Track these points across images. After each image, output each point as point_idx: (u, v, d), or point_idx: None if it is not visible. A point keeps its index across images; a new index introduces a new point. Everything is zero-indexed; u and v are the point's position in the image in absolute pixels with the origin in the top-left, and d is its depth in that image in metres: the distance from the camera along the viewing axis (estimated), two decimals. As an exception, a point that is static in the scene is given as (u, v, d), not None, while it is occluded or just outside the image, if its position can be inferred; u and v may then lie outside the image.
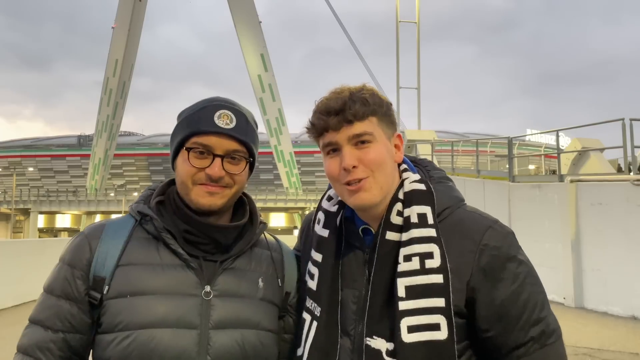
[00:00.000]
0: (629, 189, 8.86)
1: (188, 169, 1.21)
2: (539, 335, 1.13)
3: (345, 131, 1.18)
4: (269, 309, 1.28)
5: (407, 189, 1.22)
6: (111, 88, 63.11)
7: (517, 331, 1.13)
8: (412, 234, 1.16)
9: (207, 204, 1.21)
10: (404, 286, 1.13)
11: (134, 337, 1.14)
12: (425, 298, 1.11)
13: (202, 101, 1.28)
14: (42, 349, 1.18)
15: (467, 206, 1.25)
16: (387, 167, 1.20)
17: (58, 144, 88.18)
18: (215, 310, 1.19)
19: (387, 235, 1.19)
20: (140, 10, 63.54)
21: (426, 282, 1.12)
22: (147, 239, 1.24)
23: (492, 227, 1.17)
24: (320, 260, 1.26)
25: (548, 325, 1.15)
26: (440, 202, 1.21)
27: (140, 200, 1.31)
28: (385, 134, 1.22)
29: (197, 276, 1.21)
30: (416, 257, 1.14)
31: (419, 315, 1.11)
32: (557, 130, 13.48)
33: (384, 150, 1.20)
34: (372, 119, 1.19)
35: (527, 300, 1.14)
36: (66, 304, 1.20)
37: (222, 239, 1.24)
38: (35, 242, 15.05)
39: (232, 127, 1.21)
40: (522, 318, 1.13)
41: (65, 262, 1.24)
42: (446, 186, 1.26)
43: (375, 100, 1.20)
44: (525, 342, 1.13)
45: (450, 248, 1.15)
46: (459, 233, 1.17)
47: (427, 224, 1.17)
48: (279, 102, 62.92)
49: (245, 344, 1.20)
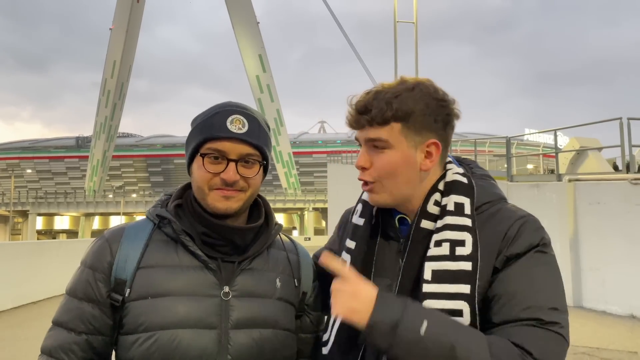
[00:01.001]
0: (627, 188, 8.88)
1: (203, 175, 1.23)
2: (530, 318, 1.05)
3: (364, 132, 1.19)
4: (286, 308, 1.30)
5: (449, 179, 1.21)
6: (109, 89, 63.11)
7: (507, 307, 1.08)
8: (445, 221, 1.16)
9: (224, 208, 1.23)
10: (430, 270, 1.12)
11: (156, 337, 1.16)
12: (451, 284, 1.10)
13: (214, 106, 1.29)
14: (66, 351, 1.21)
15: (508, 203, 1.23)
16: (399, 176, 1.18)
17: (56, 146, 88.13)
18: (234, 310, 1.22)
19: (421, 224, 1.19)
20: (138, 11, 63.53)
21: (454, 269, 1.11)
22: (165, 241, 1.26)
23: (525, 217, 1.16)
24: (352, 248, 1.26)
25: (548, 315, 1.06)
26: (480, 196, 1.20)
27: (158, 205, 1.34)
28: (410, 141, 1.17)
29: (216, 277, 1.23)
30: (447, 242, 1.14)
31: (442, 299, 1.10)
32: (555, 130, 13.50)
33: (398, 159, 1.17)
34: (395, 125, 1.15)
35: (532, 282, 1.09)
36: (88, 307, 1.23)
37: (240, 240, 1.26)
38: (33, 244, 15.04)
39: (245, 132, 1.23)
40: (518, 295, 1.08)
41: (87, 265, 1.27)
42: (488, 183, 1.26)
43: (405, 105, 1.15)
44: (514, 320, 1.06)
45: (482, 236, 1.14)
46: (492, 223, 1.16)
47: (463, 213, 1.16)
48: (277, 103, 62.96)
49: (264, 343, 1.23)
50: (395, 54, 18.44)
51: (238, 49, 62.66)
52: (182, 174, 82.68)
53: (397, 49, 18.38)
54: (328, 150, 56.38)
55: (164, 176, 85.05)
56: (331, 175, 30.16)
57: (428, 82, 1.20)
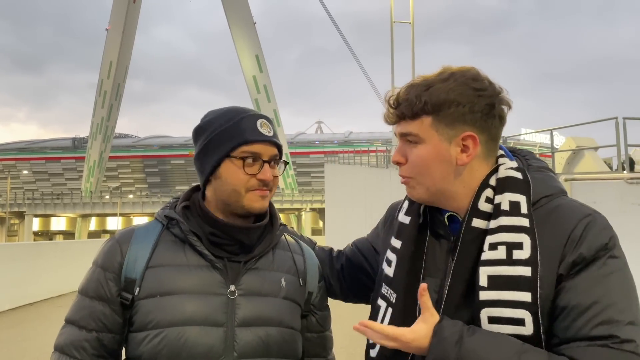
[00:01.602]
0: (623, 188, 8.92)
1: (242, 177, 1.27)
2: (605, 336, 0.97)
3: (397, 127, 1.18)
4: (291, 307, 1.33)
5: (502, 175, 1.13)
6: (105, 90, 62.95)
7: (579, 323, 0.99)
8: (500, 222, 1.08)
9: (259, 207, 1.29)
10: (486, 275, 1.06)
11: (164, 334, 1.20)
12: (510, 290, 1.03)
13: (229, 112, 1.32)
14: (77, 348, 1.25)
15: (568, 197, 1.16)
16: (433, 171, 1.14)
17: (53, 147, 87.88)
18: (240, 308, 1.25)
19: (473, 222, 1.12)
20: (135, 11, 63.40)
21: (512, 274, 1.04)
22: (174, 242, 1.30)
23: (592, 215, 1.09)
24: (399, 247, 1.22)
25: (623, 331, 0.97)
26: (537, 190, 1.12)
27: (167, 207, 1.38)
28: (443, 135, 1.12)
29: (222, 276, 1.27)
30: (503, 246, 1.06)
31: (502, 307, 1.03)
32: (551, 130, 13.53)
33: (431, 153, 1.13)
34: (425, 119, 1.12)
35: (604, 294, 1.00)
36: (99, 305, 1.27)
37: (246, 239, 1.30)
38: (30, 246, 15.00)
39: (273, 134, 1.30)
40: (590, 310, 0.99)
41: (98, 265, 1.31)
42: (546, 175, 1.18)
43: (436, 97, 1.10)
44: (585, 338, 0.98)
45: (542, 238, 1.06)
46: (552, 221, 1.08)
47: (519, 213, 1.08)
48: (274, 103, 62.90)
49: (269, 341, 1.26)
50: (392, 54, 18.46)
51: (235, 49, 62.64)
52: (179, 175, 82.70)
53: (393, 49, 18.41)
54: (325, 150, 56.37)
55: (161, 177, 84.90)
56: (328, 176, 30.15)
57: (471, 71, 1.14)
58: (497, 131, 1.16)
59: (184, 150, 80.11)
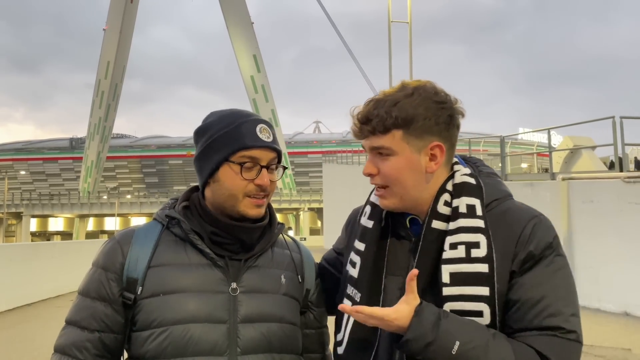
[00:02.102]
0: (620, 187, 8.94)
1: (240, 182, 1.28)
2: (553, 327, 1.10)
3: (367, 141, 1.24)
4: (291, 303, 1.36)
5: (458, 181, 1.24)
6: (103, 90, 62.84)
7: (531, 315, 1.12)
8: (459, 223, 1.19)
9: (255, 215, 1.31)
10: (448, 272, 1.16)
11: (169, 332, 1.22)
12: (470, 286, 1.14)
13: (230, 116, 1.33)
14: (79, 348, 1.26)
15: (515, 200, 1.27)
16: (405, 180, 1.22)
17: (50, 147, 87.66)
18: (242, 305, 1.28)
19: (433, 224, 1.22)
20: (132, 11, 63.29)
21: (471, 271, 1.15)
22: (174, 241, 1.32)
23: (538, 217, 1.20)
24: (362, 249, 1.30)
25: (567, 322, 1.11)
26: (489, 194, 1.24)
27: (166, 207, 1.39)
28: (413, 146, 1.20)
29: (224, 274, 1.29)
30: (462, 245, 1.17)
31: (463, 301, 1.14)
32: (548, 129, 13.57)
33: (402, 164, 1.21)
34: (396, 132, 1.19)
35: (551, 290, 1.13)
36: (101, 305, 1.28)
37: (247, 238, 1.32)
38: (28, 246, 14.98)
39: (272, 140, 1.32)
40: (540, 304, 1.12)
41: (99, 266, 1.32)
42: (495, 180, 1.30)
43: (404, 112, 1.18)
44: (536, 328, 1.11)
45: (496, 237, 1.17)
46: (504, 223, 1.19)
47: (475, 215, 1.19)
48: (272, 103, 62.89)
49: (271, 337, 1.29)
50: (389, 53, 18.48)
51: (232, 49, 62.59)
52: (177, 175, 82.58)
53: (391, 48, 18.42)
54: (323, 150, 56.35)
55: (159, 177, 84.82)
56: (326, 175, 30.21)
57: (428, 85, 1.23)
58: (456, 139, 1.27)
59: (181, 150, 80.00)
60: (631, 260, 8.54)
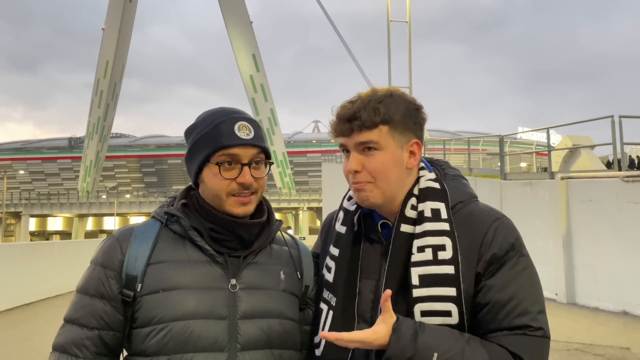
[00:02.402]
0: (619, 186, 8.95)
1: (220, 182, 1.28)
2: (522, 325, 1.16)
3: (353, 137, 1.26)
4: (290, 299, 1.37)
5: (422, 186, 1.29)
6: (102, 90, 62.82)
7: (501, 316, 1.17)
8: (425, 227, 1.24)
9: (242, 213, 1.31)
10: (417, 275, 1.21)
11: (170, 328, 1.23)
12: (438, 287, 1.19)
13: (212, 115, 1.34)
14: (79, 346, 1.26)
15: (479, 202, 1.32)
16: (390, 175, 1.26)
17: (49, 147, 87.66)
18: (242, 301, 1.28)
19: (401, 228, 1.26)
20: (131, 11, 63.26)
21: (438, 272, 1.20)
22: (173, 238, 1.33)
23: (500, 219, 1.25)
24: (337, 254, 1.34)
25: (535, 320, 1.18)
26: (453, 196, 1.28)
27: (164, 205, 1.40)
28: (397, 142, 1.26)
29: (223, 270, 1.30)
30: (429, 248, 1.22)
31: (432, 302, 1.19)
32: (547, 128, 13.57)
33: (388, 159, 1.25)
34: (383, 127, 1.24)
35: (518, 290, 1.19)
36: (100, 303, 1.28)
37: (246, 234, 1.32)
38: (27, 246, 14.97)
39: (253, 137, 1.30)
40: (509, 304, 1.17)
41: (98, 263, 1.32)
42: (460, 183, 1.34)
43: (389, 110, 1.24)
44: (506, 328, 1.17)
45: (461, 239, 1.22)
46: (468, 225, 1.24)
47: (440, 218, 1.24)
48: (271, 103, 62.93)
49: (271, 332, 1.29)
50: (388, 53, 18.46)
51: (231, 48, 62.57)
52: (175, 174, 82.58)
53: (390, 48, 18.41)
54: (322, 149, 56.45)
55: (158, 176, 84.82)
56: (325, 175, 30.19)
57: (399, 91, 1.31)
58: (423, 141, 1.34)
59: (180, 149, 79.83)
60: (630, 259, 8.55)
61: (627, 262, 8.57)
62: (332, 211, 1.49)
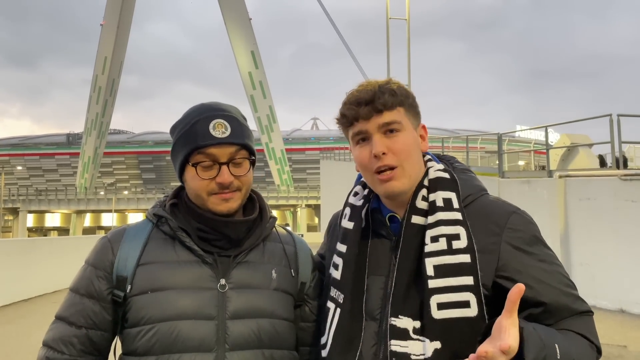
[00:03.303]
0: (617, 184, 8.96)
1: (199, 183, 1.28)
2: (576, 306, 1.19)
3: (375, 120, 1.23)
4: (283, 298, 1.35)
5: (432, 176, 1.27)
6: (100, 86, 62.66)
7: (557, 313, 1.17)
8: (438, 217, 1.21)
9: (225, 210, 1.29)
10: (432, 265, 1.17)
11: (157, 329, 1.23)
12: (454, 277, 1.16)
13: (191, 113, 1.32)
14: (66, 343, 1.27)
15: (490, 195, 1.30)
16: (414, 156, 1.26)
17: (47, 143, 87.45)
18: (231, 301, 1.27)
19: (412, 219, 1.24)
20: (129, 7, 63.07)
21: (454, 262, 1.17)
22: (164, 239, 1.32)
23: (516, 212, 1.23)
24: (344, 251, 1.31)
25: (583, 303, 1.21)
26: (464, 188, 1.26)
27: (156, 205, 1.39)
28: (412, 124, 1.27)
29: (213, 270, 1.29)
30: (443, 238, 1.19)
31: (449, 293, 1.15)
32: (546, 127, 13.58)
33: (411, 139, 1.25)
34: (400, 109, 1.24)
35: (559, 278, 1.20)
36: (89, 302, 1.29)
37: (233, 234, 1.31)
38: (24, 242, 14.94)
39: (229, 134, 1.27)
40: (557, 287, 1.18)
41: (90, 263, 1.33)
42: (469, 176, 1.33)
43: (402, 92, 1.26)
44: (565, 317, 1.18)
45: (476, 230, 1.19)
46: (484, 217, 1.22)
47: (452, 208, 1.22)
48: (269, 100, 62.82)
49: (261, 332, 1.28)
50: (387, 50, 18.45)
51: (230, 45, 62.43)
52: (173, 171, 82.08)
53: (389, 45, 18.39)
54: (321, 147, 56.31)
55: (156, 173, 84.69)
56: (324, 172, 30.22)
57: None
58: None
59: (179, 146, 79.65)
60: (627, 257, 8.57)
61: (624, 261, 8.59)
62: (337, 211, 1.46)
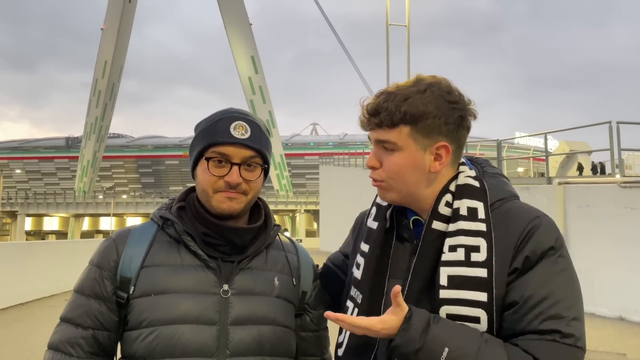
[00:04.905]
0: (616, 191, 8.96)
1: (208, 178, 1.28)
2: (552, 330, 1.06)
3: (374, 133, 1.21)
4: (284, 306, 1.35)
5: (461, 182, 1.21)
6: (100, 89, 62.72)
7: (530, 317, 1.07)
8: (459, 225, 1.16)
9: (228, 209, 1.29)
10: (446, 275, 1.13)
11: (158, 332, 1.23)
12: (467, 290, 1.11)
13: (218, 113, 1.35)
14: (73, 345, 1.27)
15: (520, 201, 1.24)
16: (406, 177, 1.19)
17: (46, 146, 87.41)
18: (233, 307, 1.27)
19: (433, 225, 1.19)
20: (130, 11, 63.23)
21: (469, 274, 1.11)
22: (168, 242, 1.32)
23: (540, 217, 1.16)
24: (367, 251, 1.28)
25: (568, 327, 1.07)
26: (492, 194, 1.20)
27: (163, 207, 1.39)
28: (419, 144, 1.17)
29: (216, 276, 1.29)
30: (462, 248, 1.14)
31: (460, 305, 1.10)
32: (545, 133, 13.61)
33: (406, 161, 1.18)
34: (404, 128, 1.16)
35: (553, 291, 1.08)
36: (95, 303, 1.29)
37: (238, 240, 1.31)
38: (22, 245, 14.89)
39: (247, 137, 1.28)
40: (540, 305, 1.07)
41: (94, 264, 1.33)
42: (500, 181, 1.27)
43: (413, 109, 1.15)
44: (534, 331, 1.06)
45: (496, 237, 1.14)
46: (505, 222, 1.16)
47: (476, 218, 1.16)
48: (269, 104, 62.92)
49: (262, 339, 1.28)
50: (387, 56, 18.50)
51: (230, 50, 62.57)
52: (173, 175, 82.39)
53: (389, 51, 18.44)
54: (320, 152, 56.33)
55: (155, 177, 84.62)
56: (323, 177, 30.16)
57: (443, 83, 1.19)
58: (465, 140, 1.24)
59: (178, 150, 79.86)
60: (627, 264, 8.56)
61: (623, 268, 8.58)
62: (364, 210, 1.43)
